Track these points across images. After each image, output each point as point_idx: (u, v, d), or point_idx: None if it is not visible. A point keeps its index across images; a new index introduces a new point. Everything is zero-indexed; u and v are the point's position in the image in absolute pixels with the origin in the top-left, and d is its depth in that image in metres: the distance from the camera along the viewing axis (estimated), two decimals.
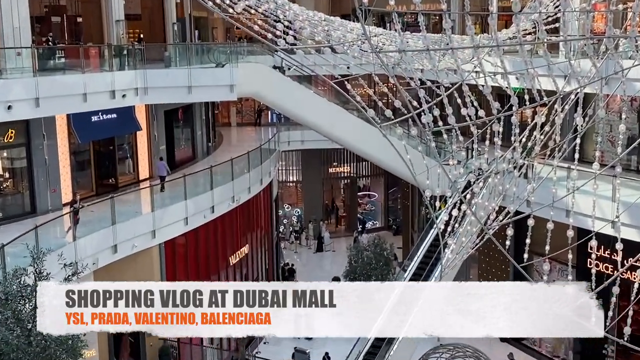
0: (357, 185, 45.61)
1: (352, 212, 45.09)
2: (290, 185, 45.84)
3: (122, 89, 22.58)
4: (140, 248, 21.12)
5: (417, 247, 27.15)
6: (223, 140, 37.21)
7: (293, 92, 28.07)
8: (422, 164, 10.93)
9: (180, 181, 24.01)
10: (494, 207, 12.52)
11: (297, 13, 14.45)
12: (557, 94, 9.58)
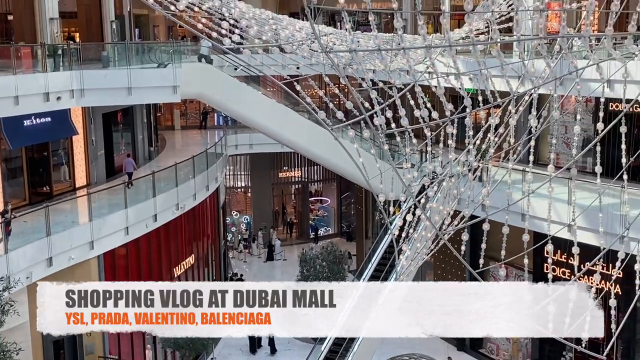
0: (308, 191, 45.59)
1: (304, 218, 45.02)
2: (238, 191, 45.58)
3: (57, 90, 22.14)
4: (77, 260, 20.73)
5: (371, 254, 27.30)
6: (166, 145, 36.83)
7: (240, 93, 27.90)
8: (375, 167, 11.01)
9: (120, 188, 23.64)
10: (448, 211, 12.67)
11: (244, 11, 14.42)
12: (511, 95, 9.77)
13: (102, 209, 22.98)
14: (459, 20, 26.52)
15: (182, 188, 26.09)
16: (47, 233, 19.84)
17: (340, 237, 44.43)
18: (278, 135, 29.48)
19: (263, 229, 42.40)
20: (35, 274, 19.03)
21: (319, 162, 36.54)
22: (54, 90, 21.98)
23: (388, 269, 24.24)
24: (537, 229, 13.97)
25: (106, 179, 27.40)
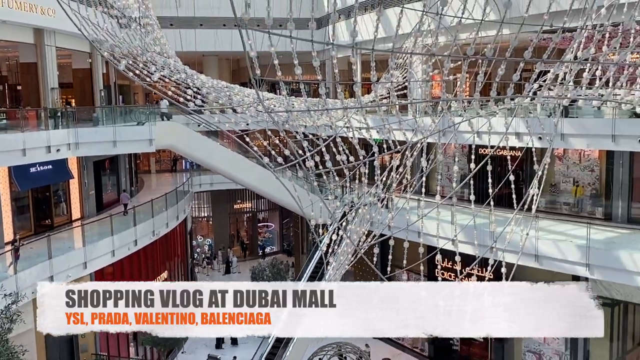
0: (257, 218, 45.48)
1: (254, 239, 44.88)
2: (202, 220, 45.01)
3: (57, 144, 21.71)
4: (73, 277, 20.04)
5: (305, 266, 27.25)
6: (144, 185, 36.26)
7: (202, 144, 27.99)
8: (307, 199, 11.07)
9: (108, 220, 23.19)
10: (363, 231, 12.79)
11: (204, 81, 14.41)
12: (407, 143, 10.01)
13: (93, 236, 22.48)
14: (368, 88, 27.12)
15: (157, 218, 25.82)
16: (49, 257, 19.29)
17: (283, 253, 44.32)
18: (233, 176, 29.57)
19: (222, 249, 42.13)
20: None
21: (265, 196, 36.58)
22: (54, 144, 21.60)
23: (319, 277, 24.19)
24: (429, 243, 14.24)
25: (96, 213, 26.84)
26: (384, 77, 16.60)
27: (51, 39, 24.61)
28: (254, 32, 5.78)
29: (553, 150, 21.98)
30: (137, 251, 24.46)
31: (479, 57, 7.10)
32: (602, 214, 22.46)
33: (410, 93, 12.27)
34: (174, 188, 29.83)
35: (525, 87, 9.44)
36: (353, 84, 8.23)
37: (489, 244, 11.18)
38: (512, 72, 8.03)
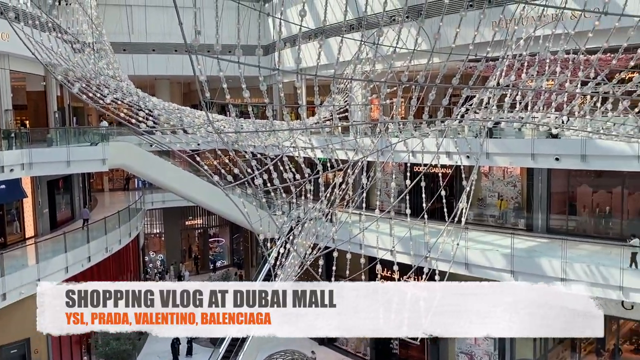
0: (208, 234, 44.78)
1: (205, 254, 44.08)
2: (154, 236, 43.90)
3: (10, 164, 20.80)
4: (26, 294, 19.12)
5: (255, 278, 26.95)
6: (98, 203, 35.17)
7: (154, 163, 27.51)
8: (256, 215, 10.99)
9: (61, 237, 22.32)
10: (309, 244, 12.78)
11: (156, 103, 14.16)
12: (349, 162, 10.10)
13: (47, 253, 21.54)
14: (312, 111, 27.28)
15: (110, 235, 25.04)
16: (1, 274, 18.37)
17: (233, 267, 43.74)
18: (184, 194, 29.12)
19: (174, 264, 41.20)
20: None
21: (215, 213, 36.10)
22: (7, 164, 20.71)
23: None
24: (370, 254, 14.35)
25: (50, 231, 25.78)
26: (326, 100, 16.76)
27: (5, 62, 23.72)
28: (204, 57, 5.75)
29: (479, 167, 22.67)
30: (91, 267, 23.61)
31: (412, 83, 7.28)
32: (524, 225, 23.25)
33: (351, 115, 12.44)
34: (127, 206, 29.10)
35: (453, 111, 9.73)
36: (298, 107, 8.28)
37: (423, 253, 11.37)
38: (442, 97, 8.26)
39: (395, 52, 7.66)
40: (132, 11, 33.58)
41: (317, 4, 26.61)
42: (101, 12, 22.89)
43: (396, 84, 7.77)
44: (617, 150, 17.46)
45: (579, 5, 15.13)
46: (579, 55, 10.30)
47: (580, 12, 7.38)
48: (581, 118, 10.34)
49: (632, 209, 21.43)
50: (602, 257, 18.66)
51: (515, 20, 11.39)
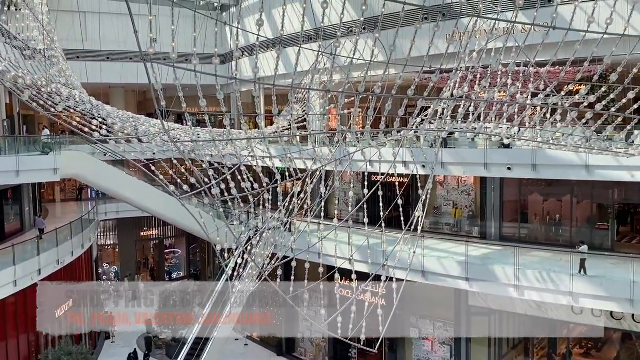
0: (164, 245, 43.96)
1: (161, 266, 43.24)
2: (108, 248, 42.77)
3: None
4: None
5: (212, 290, 26.56)
6: (49, 214, 34.01)
7: (108, 173, 26.86)
8: (213, 225, 10.85)
9: (10, 249, 21.44)
10: (268, 254, 12.70)
11: (110, 112, 13.86)
12: (307, 171, 10.11)
13: None
14: (270, 120, 27.22)
15: (62, 247, 24.20)
16: None
17: (190, 278, 42.99)
18: (139, 204, 28.51)
19: (128, 276, 40.21)
20: None
21: (171, 223, 35.48)
22: None
23: (225, 300, 23.65)
24: (329, 263, 14.37)
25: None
26: (285, 110, 16.76)
27: None
28: (160, 65, 5.66)
29: (435, 177, 23.05)
30: (42, 280, 22.79)
31: (369, 94, 7.36)
32: (479, 233, 23.76)
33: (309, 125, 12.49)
34: (80, 217, 28.25)
35: (409, 121, 9.88)
36: (256, 116, 8.23)
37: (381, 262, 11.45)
38: (398, 107, 8.38)
39: (352, 63, 7.73)
40: (85, 18, 32.84)
41: (275, 14, 26.67)
42: (53, 18, 22.25)
43: (354, 95, 7.84)
44: (566, 160, 18.08)
45: (529, 19, 15.65)
46: (529, 68, 10.63)
47: (530, 26, 7.63)
48: (531, 129, 10.66)
49: (580, 216, 22.19)
50: (553, 264, 19.24)
51: (468, 34, 11.68)
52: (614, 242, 21.20)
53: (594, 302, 17.94)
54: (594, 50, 8.52)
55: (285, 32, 6.68)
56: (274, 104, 7.89)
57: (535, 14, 9.66)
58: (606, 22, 7.28)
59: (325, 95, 14.31)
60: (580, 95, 9.63)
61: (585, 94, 9.15)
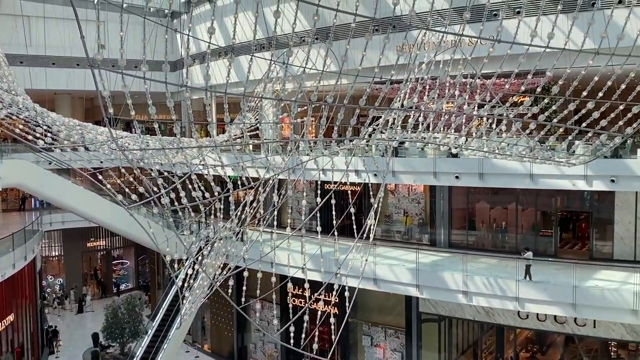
0: (112, 256, 42.75)
1: (109, 277, 42.01)
2: (53, 259, 41.24)
3: None
4: None
5: (162, 301, 25.96)
6: None
7: (53, 182, 25.92)
8: (163, 235, 10.63)
9: None
10: (219, 264, 12.51)
11: (55, 119, 13.40)
12: (260, 180, 10.04)
13: None
14: (222, 128, 26.96)
15: (3, 259, 23.17)
16: None
17: (139, 290, 41.97)
18: (86, 214, 27.64)
19: (74, 288, 38.90)
20: None
21: (119, 233, 34.54)
22: None
23: (175, 311, 23.16)
24: (281, 273, 14.27)
25: None
26: (237, 118, 16.62)
27: None
28: (108, 72, 5.51)
29: (386, 185, 23.33)
30: None
31: (321, 103, 7.38)
32: (428, 240, 24.18)
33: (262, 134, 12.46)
34: (22, 227, 27.13)
35: (361, 130, 9.97)
36: (207, 124, 8.12)
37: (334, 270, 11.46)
38: (350, 116, 8.45)
39: (304, 72, 7.76)
40: (29, 22, 31.75)
41: (227, 22, 26.50)
42: None
43: (306, 104, 7.86)
44: (512, 169, 18.66)
45: (475, 32, 16.12)
46: (476, 80, 10.94)
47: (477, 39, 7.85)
48: (478, 138, 10.95)
49: (525, 224, 22.91)
50: (500, 270, 19.76)
51: (417, 45, 11.92)
52: (557, 249, 21.99)
53: (538, 306, 18.52)
54: (537, 63, 8.85)
55: (237, 40, 6.64)
56: (225, 112, 7.81)
57: (482, 27, 9.96)
58: (548, 36, 7.57)
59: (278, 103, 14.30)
60: (524, 106, 9.96)
61: (528, 105, 9.47)
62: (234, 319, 29.59)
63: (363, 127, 9.57)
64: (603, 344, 20.93)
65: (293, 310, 9.47)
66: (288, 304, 9.66)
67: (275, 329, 22.82)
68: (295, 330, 8.35)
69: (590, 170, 17.47)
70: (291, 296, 9.86)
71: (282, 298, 22.87)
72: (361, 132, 9.46)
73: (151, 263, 39.36)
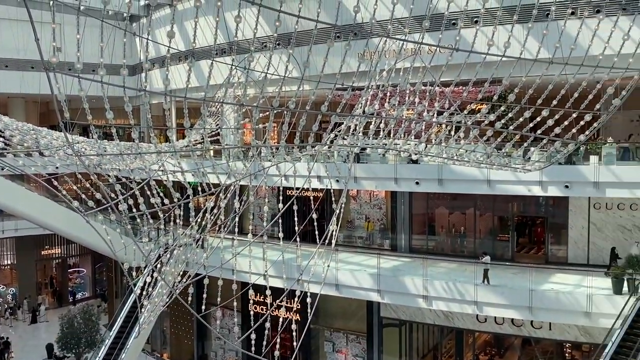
0: (67, 264, 41.54)
1: (64, 286, 40.79)
2: (4, 268, 39.78)
3: None
4: None
5: (119, 310, 25.35)
6: None
7: (5, 188, 25.01)
8: (120, 242, 10.40)
9: None
10: (179, 272, 12.32)
11: (8, 123, 12.96)
12: (221, 186, 9.94)
13: None
14: (182, 134, 26.60)
15: None
16: None
17: (97, 298, 40.88)
18: (40, 221, 26.78)
19: (28, 298, 37.58)
20: None
21: (75, 241, 33.63)
22: None
23: (133, 320, 22.65)
24: (243, 280, 14.15)
25: None
26: (197, 123, 16.43)
27: None
28: (64, 75, 5.37)
29: (348, 191, 23.45)
30: None
31: (283, 109, 7.37)
32: (389, 245, 24.41)
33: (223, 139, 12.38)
34: None
35: (323, 136, 10.00)
36: (167, 129, 8.01)
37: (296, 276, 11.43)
38: (312, 123, 8.47)
39: (266, 77, 7.73)
40: None
41: (188, 26, 26.21)
42: None
43: (268, 109, 7.83)
44: (470, 175, 19.03)
45: (434, 41, 16.40)
46: (435, 87, 11.12)
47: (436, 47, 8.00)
48: (437, 145, 11.13)
49: (483, 228, 23.38)
50: (459, 274, 20.09)
51: (378, 53, 12.06)
52: (514, 253, 22.51)
53: (496, 310, 18.90)
54: (494, 72, 9.06)
55: (197, 45, 6.57)
56: (185, 117, 7.71)
57: (440, 36, 10.14)
58: (504, 45, 7.77)
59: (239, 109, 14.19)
60: (482, 113, 10.18)
61: (486, 112, 9.68)
62: (194, 327, 29.16)
63: (325, 133, 9.60)
64: (558, 345, 21.49)
65: (254, 317, 9.40)
66: (249, 311, 9.58)
67: (236, 336, 22.59)
68: (257, 338, 8.29)
69: (545, 176, 17.97)
70: (252, 303, 9.80)
71: (243, 305, 22.65)
72: (323, 138, 9.48)
73: (109, 271, 38.42)
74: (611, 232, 20.68)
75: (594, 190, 17.91)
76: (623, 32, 8.30)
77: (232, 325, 25.77)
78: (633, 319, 16.32)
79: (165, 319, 30.48)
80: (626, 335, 16.03)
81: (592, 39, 8.88)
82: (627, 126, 24.95)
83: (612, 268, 18.53)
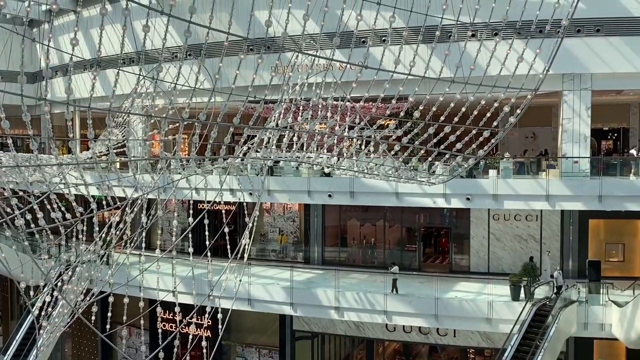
0: None
1: None
2: None
3: None
4: None
5: (15, 332, 23.59)
6: None
7: None
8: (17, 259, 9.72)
9: None
10: (82, 290, 11.70)
11: None
12: (127, 200, 9.58)
13: None
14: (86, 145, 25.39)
15: None
16: None
17: None
18: None
19: None
20: None
21: None
22: None
23: (31, 343, 21.15)
24: (150, 297, 13.62)
25: None
26: (102, 134, 15.74)
27: None
28: None
29: (261, 204, 23.34)
30: None
31: (193, 121, 7.25)
32: (303, 258, 24.54)
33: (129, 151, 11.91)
34: None
35: (236, 149, 9.92)
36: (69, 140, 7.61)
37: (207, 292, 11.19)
38: (225, 135, 8.38)
39: (176, 88, 7.57)
40: None
41: (94, 33, 25.16)
42: None
43: (178, 121, 7.67)
44: (379, 187, 19.58)
45: (345, 57, 16.81)
46: (345, 102, 11.39)
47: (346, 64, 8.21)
48: (349, 158, 11.38)
49: (392, 239, 24.10)
50: (369, 285, 20.54)
51: (291, 67, 12.18)
52: (420, 263, 23.36)
53: (405, 318, 19.49)
54: (400, 89, 9.42)
55: (103, 53, 6.32)
56: (89, 127, 7.37)
57: (350, 53, 10.42)
58: (410, 64, 8.11)
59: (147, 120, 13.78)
60: (390, 129, 10.54)
61: (393, 128, 10.04)
62: (99, 347, 27.71)
63: (238, 145, 9.53)
64: (463, 351, 22.46)
65: (163, 335, 9.10)
66: (158, 329, 9.26)
67: (144, 355, 21.69)
68: (166, 357, 8.01)
69: (448, 189, 18.85)
70: (161, 320, 9.47)
71: (151, 323, 21.81)
72: (236, 150, 9.41)
73: (4, 291, 35.66)
74: (509, 242, 22.02)
75: (493, 202, 19.01)
76: (518, 54, 8.92)
77: (139, 344, 24.72)
78: (529, 323, 17.41)
79: (67, 340, 28.75)
80: (523, 340, 17.07)
81: (489, 60, 9.47)
82: (522, 142, 26.79)
83: (510, 276, 19.68)
